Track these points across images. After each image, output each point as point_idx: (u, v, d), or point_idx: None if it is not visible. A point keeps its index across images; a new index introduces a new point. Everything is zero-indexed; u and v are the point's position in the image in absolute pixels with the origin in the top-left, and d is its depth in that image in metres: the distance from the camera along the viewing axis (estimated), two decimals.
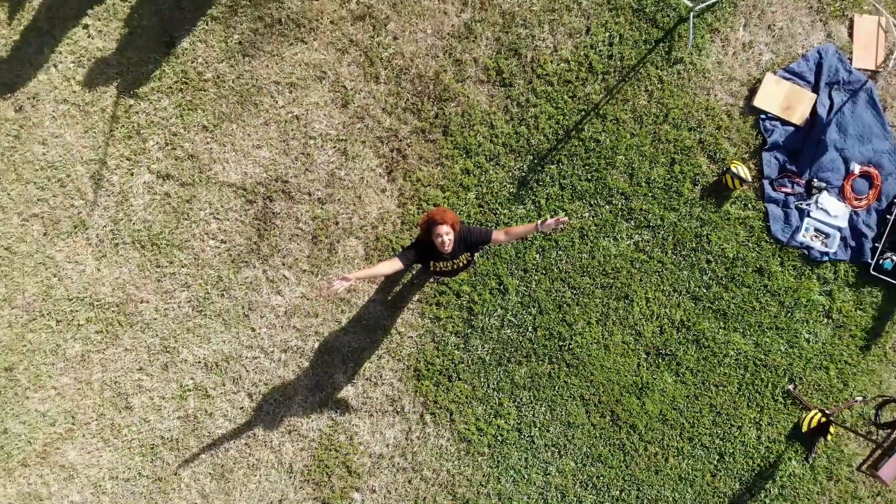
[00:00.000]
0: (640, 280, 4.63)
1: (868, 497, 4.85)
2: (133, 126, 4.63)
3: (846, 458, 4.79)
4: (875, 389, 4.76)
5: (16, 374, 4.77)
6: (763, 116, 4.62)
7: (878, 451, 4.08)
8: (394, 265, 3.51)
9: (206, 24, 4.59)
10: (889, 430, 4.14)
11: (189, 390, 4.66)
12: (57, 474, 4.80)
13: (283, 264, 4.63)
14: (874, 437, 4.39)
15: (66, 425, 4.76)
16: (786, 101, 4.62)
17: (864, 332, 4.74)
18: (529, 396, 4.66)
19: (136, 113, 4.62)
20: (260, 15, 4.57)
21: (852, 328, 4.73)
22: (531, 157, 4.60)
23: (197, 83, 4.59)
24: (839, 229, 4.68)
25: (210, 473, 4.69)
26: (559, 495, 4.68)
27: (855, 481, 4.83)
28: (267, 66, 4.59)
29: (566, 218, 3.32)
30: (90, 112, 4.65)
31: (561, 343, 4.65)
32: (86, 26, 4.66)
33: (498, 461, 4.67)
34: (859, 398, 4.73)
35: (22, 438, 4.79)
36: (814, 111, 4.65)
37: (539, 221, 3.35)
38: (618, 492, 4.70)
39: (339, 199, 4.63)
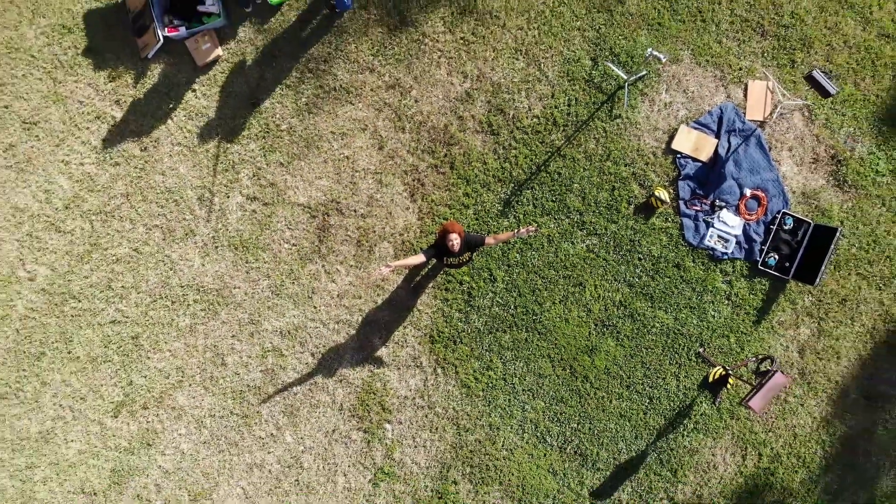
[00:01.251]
0: (590, 272, 6.46)
1: (761, 431, 6.64)
2: (229, 162, 6.48)
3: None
4: (763, 351, 6.55)
5: (140, 340, 6.61)
6: (679, 155, 6.45)
7: (752, 390, 5.87)
8: (419, 259, 5.34)
9: (282, 90, 6.45)
10: (761, 377, 5.94)
11: (268, 351, 6.49)
12: (169, 414, 6.63)
13: (337, 261, 6.47)
14: (752, 382, 6.19)
15: (177, 378, 6.60)
16: (695, 144, 6.45)
17: (755, 311, 6.55)
18: (511, 355, 6.48)
19: (232, 153, 6.47)
20: (320, 84, 6.43)
21: (746, 307, 6.54)
22: (512, 185, 6.43)
23: (275, 132, 6.44)
24: (735, 236, 6.49)
25: (283, 411, 6.52)
26: (533, 426, 6.49)
27: (751, 419, 6.62)
28: (325, 120, 6.44)
29: (534, 227, 5.14)
30: (197, 152, 6.51)
31: (534, 317, 6.47)
32: (194, 90, 6.52)
33: (489, 401, 6.49)
34: (757, 358, 6.52)
35: (144, 388, 6.62)
36: (716, 151, 6.47)
37: (518, 230, 5.18)
38: (575, 424, 6.51)
39: (375, 215, 6.47)
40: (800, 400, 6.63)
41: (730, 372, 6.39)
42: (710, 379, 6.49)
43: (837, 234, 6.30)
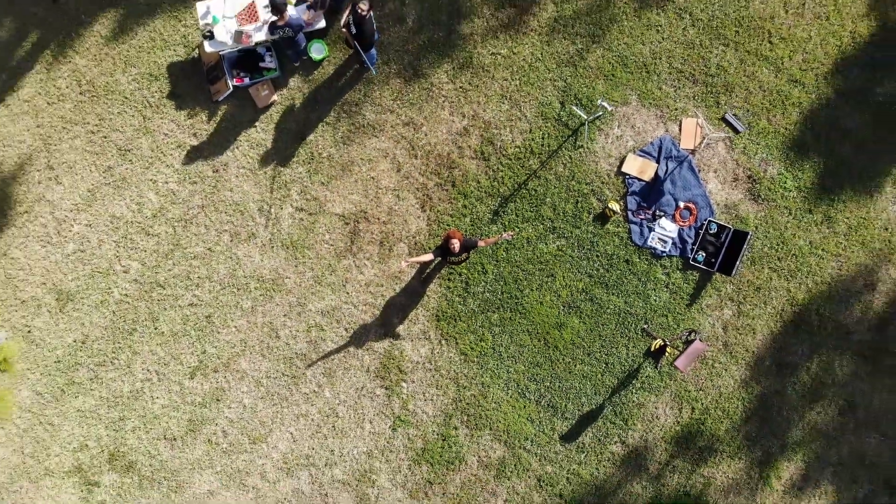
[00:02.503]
0: (559, 266, 8.37)
1: (693, 390, 8.54)
2: (282, 181, 8.42)
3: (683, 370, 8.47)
4: (693, 327, 8.46)
5: (212, 319, 8.54)
6: (627, 176, 8.36)
7: (679, 354, 7.77)
8: (428, 256, 7.25)
9: (323, 126, 8.39)
10: (686, 345, 7.84)
11: (312, 327, 8.42)
12: (233, 376, 8.55)
13: (364, 257, 8.40)
14: (680, 349, 8.09)
15: (241, 347, 8.52)
16: (640, 167, 8.36)
17: (687, 296, 8.45)
18: (499, 330, 8.40)
19: (284, 174, 8.41)
20: (352, 122, 8.37)
21: (681, 293, 8.45)
22: (499, 199, 8.36)
23: (318, 159, 8.38)
24: (672, 238, 8.39)
25: (322, 373, 8.44)
26: (515, 385, 8.41)
27: (686, 380, 8.52)
28: (356, 149, 8.37)
29: (514, 232, 7.06)
30: (258, 173, 8.45)
31: (516, 301, 8.38)
32: (255, 126, 8.46)
33: (482, 365, 8.40)
34: (686, 332, 8.42)
35: (214, 356, 8.55)
36: (657, 173, 8.38)
37: (502, 234, 7.08)
38: (548, 383, 8.42)
39: (394, 222, 8.40)
40: (724, 366, 8.53)
41: (667, 343, 8.30)
42: (652, 349, 8.39)
43: (750, 236, 8.22)
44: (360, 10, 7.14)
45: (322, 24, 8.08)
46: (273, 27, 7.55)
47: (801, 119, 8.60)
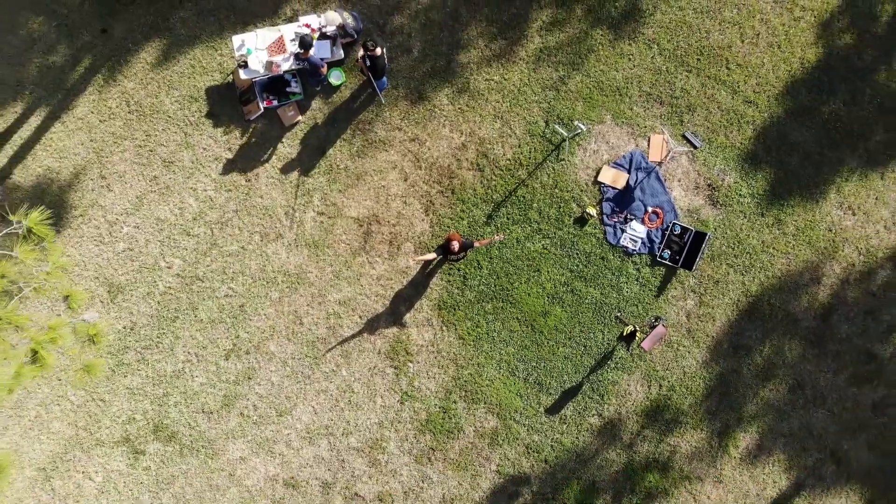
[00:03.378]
0: (544, 262, 9.70)
1: (661, 370, 9.86)
2: (305, 189, 9.76)
3: (652, 352, 9.80)
4: (659, 314, 9.78)
5: (245, 308, 9.87)
6: (602, 185, 9.69)
7: (645, 337, 9.10)
8: (432, 255, 8.59)
9: (340, 142, 9.73)
10: (651, 328, 9.16)
11: (331, 315, 9.76)
12: (263, 357, 9.88)
13: (376, 255, 9.74)
14: (647, 331, 9.42)
15: (269, 332, 9.85)
16: (614, 177, 9.69)
17: (655, 288, 9.78)
18: (492, 317, 9.73)
19: (307, 183, 9.75)
20: (366, 138, 9.71)
21: (649, 286, 9.77)
22: (493, 205, 9.69)
23: (336, 170, 9.73)
24: (641, 238, 9.71)
25: (340, 354, 9.77)
26: (506, 365, 9.74)
27: (654, 360, 9.83)
28: (369, 162, 9.72)
29: (505, 234, 8.39)
30: (284, 182, 9.79)
31: (507, 292, 9.71)
32: (282, 142, 9.80)
33: (477, 348, 9.73)
34: (652, 319, 9.73)
35: (246, 340, 9.88)
36: (628, 182, 9.70)
37: (495, 236, 8.41)
38: (534, 363, 9.74)
39: (402, 224, 9.74)
40: (687, 349, 9.85)
41: (637, 329, 9.62)
42: (624, 334, 9.70)
43: (709, 236, 9.55)
44: (372, 51, 8.50)
45: (341, 55, 9.43)
46: (297, 58, 8.89)
47: (755, 135, 9.94)
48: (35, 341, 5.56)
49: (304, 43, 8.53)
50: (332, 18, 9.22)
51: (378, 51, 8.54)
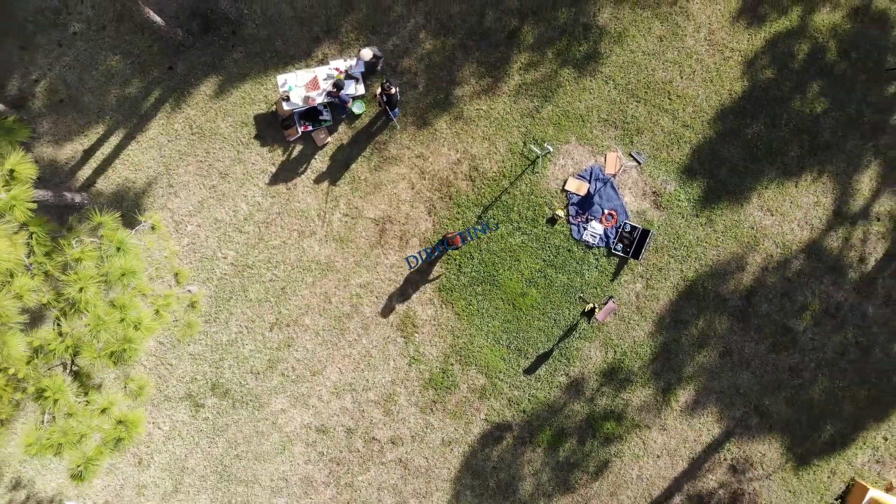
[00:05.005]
0: (523, 253, 12.26)
1: (615, 339, 12.38)
2: (333, 196, 12.33)
3: (607, 324, 12.34)
4: (613, 294, 12.32)
5: (286, 289, 12.43)
6: (568, 192, 12.24)
7: (599, 311, 11.63)
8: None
9: (361, 159, 12.29)
10: (604, 304, 11.70)
11: (353, 295, 12.32)
12: (299, 329, 12.44)
13: (389, 248, 12.31)
14: (601, 306, 11.97)
15: (305, 309, 12.42)
16: (577, 186, 12.23)
17: (610, 274, 12.32)
18: (481, 297, 12.29)
19: (335, 191, 12.32)
20: (381, 155, 12.28)
21: (606, 272, 12.31)
22: (482, 208, 12.25)
23: (358, 181, 12.30)
24: (599, 235, 12.25)
25: (360, 326, 12.33)
26: (493, 335, 12.29)
27: (610, 331, 12.36)
28: (383, 174, 12.29)
29: (489, 234, 10.95)
30: (317, 190, 12.35)
31: (493, 277, 12.27)
32: (315, 158, 12.38)
33: (469, 322, 12.29)
34: (607, 298, 12.26)
35: (287, 314, 12.45)
36: (589, 191, 12.25)
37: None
38: (515, 333, 12.29)
39: (410, 223, 12.30)
40: (636, 322, 12.39)
41: (596, 306, 12.15)
42: (586, 310, 12.23)
43: (653, 233, 12.09)
44: (387, 90, 11.07)
45: (362, 90, 12.00)
46: (330, 94, 11.47)
47: (691, 152, 12.47)
48: (157, 305, 8.09)
49: (338, 85, 11.10)
50: (366, 54, 11.74)
51: (393, 90, 11.12)
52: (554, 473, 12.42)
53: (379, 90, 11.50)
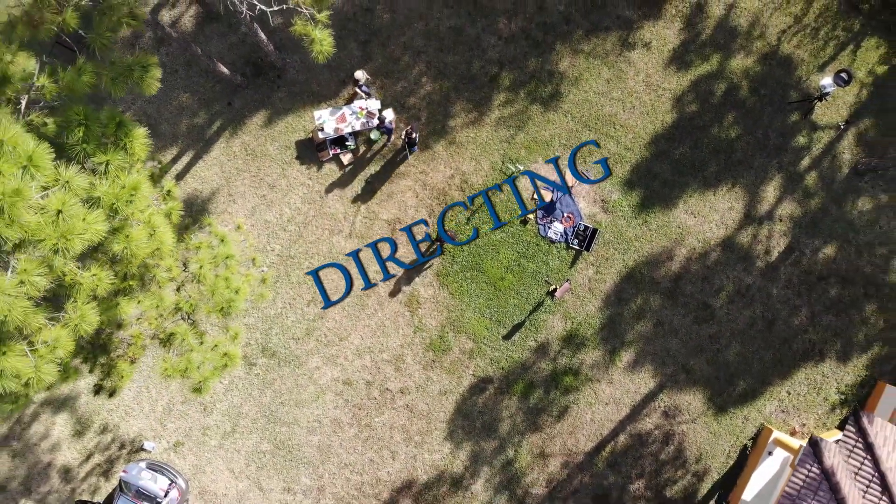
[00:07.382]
0: (502, 247, 16.01)
1: (572, 312, 16.13)
2: (356, 204, 16.10)
3: (566, 301, 16.08)
4: (570, 277, 16.06)
5: (320, 273, 16.20)
6: (537, 200, 16.01)
7: (557, 289, 15.37)
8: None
9: (377, 176, 16.08)
10: (562, 283, 15.45)
11: (373, 284, 16.09)
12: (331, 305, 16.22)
13: (399, 242, 16.08)
14: (560, 287, 15.75)
15: (336, 289, 16.18)
16: (543, 195, 15.99)
17: (569, 262, 16.07)
18: (471, 281, 16.04)
19: (357, 200, 16.09)
20: (393, 172, 16.07)
21: (566, 261, 16.06)
22: (473, 212, 16.02)
23: (375, 191, 16.07)
24: (560, 233, 16.00)
25: (377, 303, 16.09)
26: (479, 310, 16.04)
27: (568, 307, 16.11)
28: (394, 186, 16.07)
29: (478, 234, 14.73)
30: (343, 198, 16.15)
31: (479, 265, 16.02)
32: (342, 173, 16.17)
33: (461, 300, 16.04)
34: (565, 280, 15.99)
35: (321, 292, 16.21)
36: (552, 199, 15.99)
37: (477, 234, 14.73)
38: (496, 308, 16.03)
39: (414, 224, 16.08)
40: (588, 300, 16.13)
41: (557, 287, 15.89)
42: (550, 290, 15.97)
43: (600, 231, 15.86)
44: (410, 136, 14.89)
45: (375, 123, 15.80)
46: (380, 126, 15.25)
47: (631, 169, 16.22)
48: (244, 279, 11.86)
49: (381, 118, 14.91)
50: (360, 75, 15.44)
51: (414, 134, 14.91)
52: (525, 416, 16.16)
53: (403, 134, 15.30)
